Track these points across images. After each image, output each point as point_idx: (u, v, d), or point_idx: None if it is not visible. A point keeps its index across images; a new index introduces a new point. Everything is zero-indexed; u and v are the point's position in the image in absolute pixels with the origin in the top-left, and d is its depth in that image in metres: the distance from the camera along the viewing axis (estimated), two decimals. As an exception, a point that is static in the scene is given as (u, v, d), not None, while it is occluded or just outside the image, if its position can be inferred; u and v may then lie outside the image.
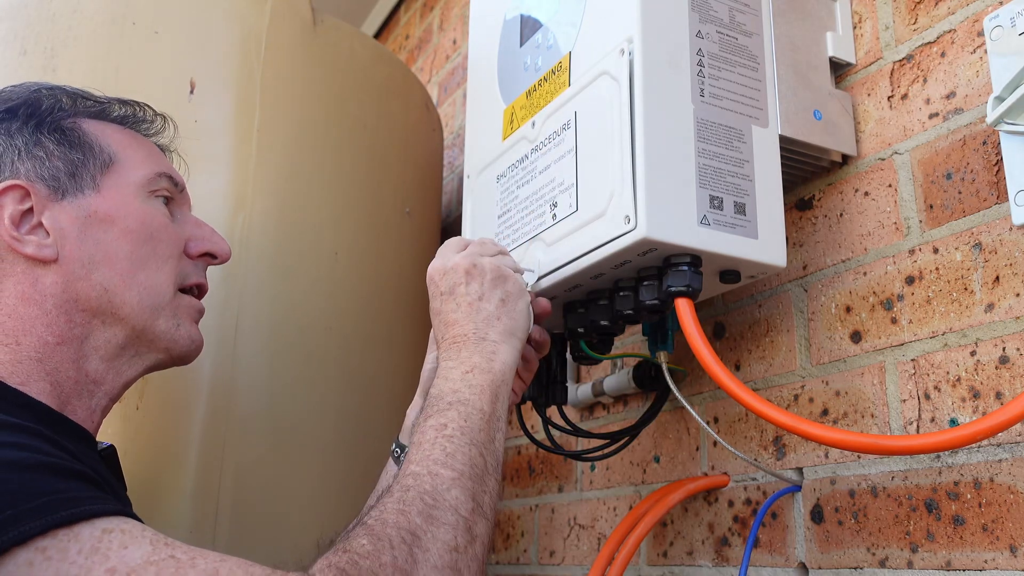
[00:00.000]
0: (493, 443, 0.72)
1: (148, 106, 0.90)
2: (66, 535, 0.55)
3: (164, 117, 0.92)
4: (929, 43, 0.83)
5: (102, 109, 0.86)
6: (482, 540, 0.66)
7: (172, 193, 0.86)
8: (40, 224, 0.76)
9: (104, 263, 0.78)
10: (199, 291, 0.88)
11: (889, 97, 0.86)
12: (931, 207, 0.80)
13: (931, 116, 0.82)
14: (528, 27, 0.98)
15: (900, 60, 0.86)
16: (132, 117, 0.88)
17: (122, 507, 0.61)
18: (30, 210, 0.77)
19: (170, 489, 1.00)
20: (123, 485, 0.83)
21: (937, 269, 0.78)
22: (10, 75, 1.17)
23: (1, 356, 0.73)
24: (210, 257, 0.88)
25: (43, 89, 0.83)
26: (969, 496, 0.72)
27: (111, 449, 0.83)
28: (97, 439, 0.81)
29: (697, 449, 1.00)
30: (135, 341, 0.80)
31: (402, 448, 0.90)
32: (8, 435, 0.61)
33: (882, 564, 0.77)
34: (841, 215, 0.89)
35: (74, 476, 0.61)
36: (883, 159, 0.86)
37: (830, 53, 0.90)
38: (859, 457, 0.81)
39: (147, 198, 0.83)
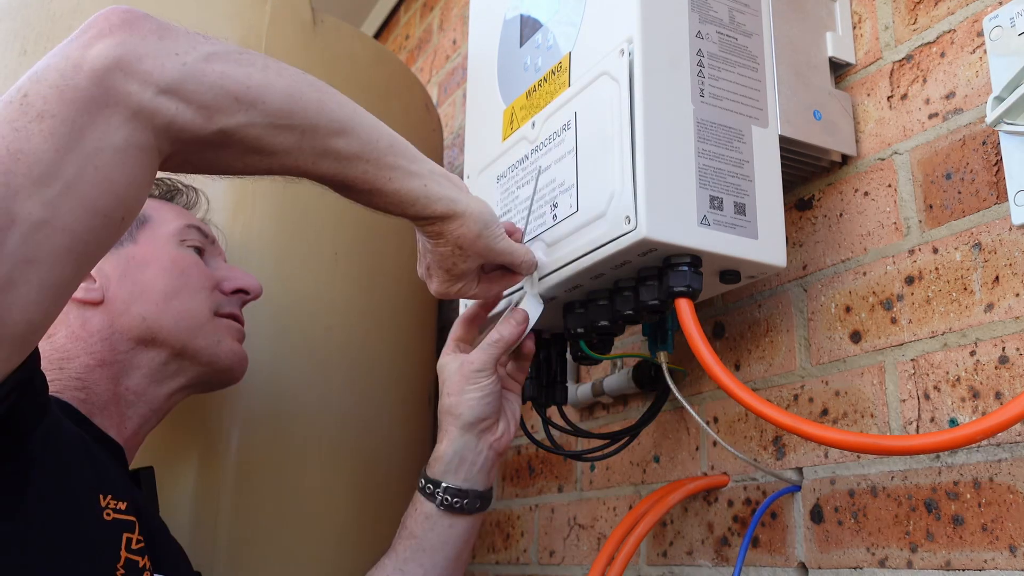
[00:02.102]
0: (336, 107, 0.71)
1: (179, 181, 0.97)
2: None
3: (195, 189, 0.99)
4: (929, 43, 0.83)
5: None
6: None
7: (203, 244, 0.92)
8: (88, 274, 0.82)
9: (141, 297, 0.84)
10: (236, 321, 0.94)
11: (889, 97, 0.86)
12: (931, 207, 0.80)
13: (931, 116, 0.82)
14: (528, 27, 0.98)
15: (900, 60, 0.86)
16: (166, 192, 0.96)
17: None
18: None
19: (170, 489, 1.00)
20: (155, 506, 0.87)
21: (937, 269, 0.78)
22: (10, 75, 1.17)
23: None
24: (243, 293, 0.94)
25: None
26: (969, 496, 0.72)
27: (149, 471, 0.87)
28: (132, 464, 0.85)
29: (697, 449, 1.01)
30: (177, 358, 0.86)
31: (433, 483, 0.87)
32: None
33: (882, 564, 0.77)
34: (841, 215, 0.89)
35: None
36: (883, 159, 0.86)
37: (830, 53, 0.90)
38: (859, 457, 0.81)
39: (179, 245, 0.89)
